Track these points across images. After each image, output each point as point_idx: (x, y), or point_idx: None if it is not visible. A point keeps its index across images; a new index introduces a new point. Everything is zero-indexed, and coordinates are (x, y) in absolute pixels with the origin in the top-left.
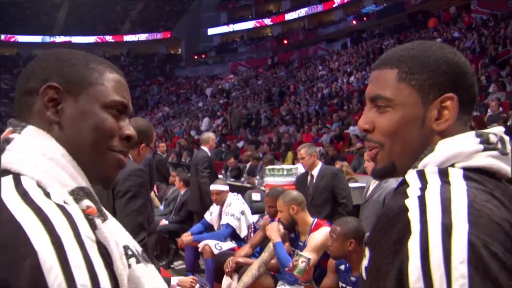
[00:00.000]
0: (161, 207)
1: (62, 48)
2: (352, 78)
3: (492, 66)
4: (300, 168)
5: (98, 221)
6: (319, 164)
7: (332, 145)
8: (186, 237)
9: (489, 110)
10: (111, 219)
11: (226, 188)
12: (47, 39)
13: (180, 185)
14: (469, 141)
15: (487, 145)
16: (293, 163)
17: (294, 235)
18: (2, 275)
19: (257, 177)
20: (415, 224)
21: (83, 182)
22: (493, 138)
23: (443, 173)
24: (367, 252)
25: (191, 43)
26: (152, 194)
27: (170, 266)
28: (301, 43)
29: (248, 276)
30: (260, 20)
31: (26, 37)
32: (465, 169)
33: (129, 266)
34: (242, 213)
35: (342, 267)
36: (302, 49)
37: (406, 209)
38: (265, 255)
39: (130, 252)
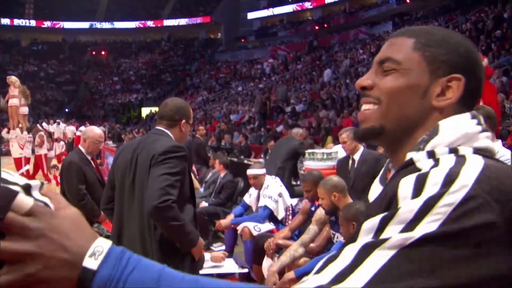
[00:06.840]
0: (201, 190)
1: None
2: None
3: None
4: (340, 151)
5: None
6: (361, 149)
7: None
8: (224, 220)
9: None
10: None
11: (263, 171)
12: (91, 25)
13: (220, 168)
14: (470, 123)
15: (482, 126)
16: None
17: (334, 218)
18: None
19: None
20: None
21: None
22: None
23: (455, 152)
24: None
25: (231, 28)
26: (192, 176)
27: (209, 248)
28: (341, 27)
29: (286, 256)
30: (300, 4)
31: (71, 24)
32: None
33: None
34: (280, 195)
35: None
36: (343, 33)
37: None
38: (304, 237)
39: None
